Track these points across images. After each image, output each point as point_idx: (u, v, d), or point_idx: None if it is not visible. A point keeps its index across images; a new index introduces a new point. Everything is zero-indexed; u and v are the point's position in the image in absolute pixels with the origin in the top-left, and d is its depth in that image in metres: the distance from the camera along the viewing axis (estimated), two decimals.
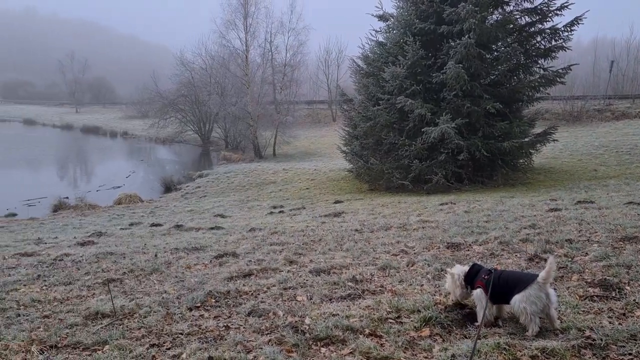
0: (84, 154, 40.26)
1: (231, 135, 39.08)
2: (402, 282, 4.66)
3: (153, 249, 7.38)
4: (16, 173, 29.07)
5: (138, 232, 10.00)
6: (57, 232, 11.27)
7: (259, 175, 22.86)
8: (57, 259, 7.06)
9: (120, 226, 11.55)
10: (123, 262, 6.51)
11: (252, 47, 33.39)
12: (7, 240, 9.81)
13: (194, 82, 42.73)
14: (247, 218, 11.94)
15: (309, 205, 14.29)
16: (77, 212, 16.60)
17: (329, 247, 6.71)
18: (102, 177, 26.75)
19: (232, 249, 6.91)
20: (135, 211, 15.80)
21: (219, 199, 18.31)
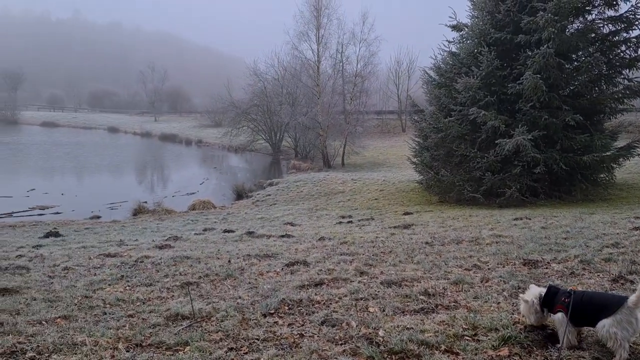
0: (161, 160, 42.07)
1: (301, 144, 39.63)
2: (477, 298, 4.56)
3: (226, 255, 7.60)
4: (101, 177, 30.82)
5: (211, 237, 10.32)
6: (137, 235, 11.83)
7: (328, 185, 23.01)
8: (138, 260, 7.42)
9: (194, 231, 11.97)
10: (199, 267, 6.75)
11: (324, 58, 33.83)
12: (92, 241, 10.41)
13: (266, 92, 43.71)
14: (316, 227, 12.04)
15: (378, 216, 14.24)
16: (154, 216, 17.37)
17: (399, 259, 6.67)
18: (177, 183, 27.84)
19: (303, 258, 7.00)
20: (209, 217, 16.32)
21: (288, 207, 18.59)
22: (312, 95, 34.36)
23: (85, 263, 7.48)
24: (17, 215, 17.39)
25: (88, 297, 5.31)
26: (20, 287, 5.88)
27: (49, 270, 7.00)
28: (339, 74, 35.82)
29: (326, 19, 32.82)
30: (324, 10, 32.64)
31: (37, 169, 32.09)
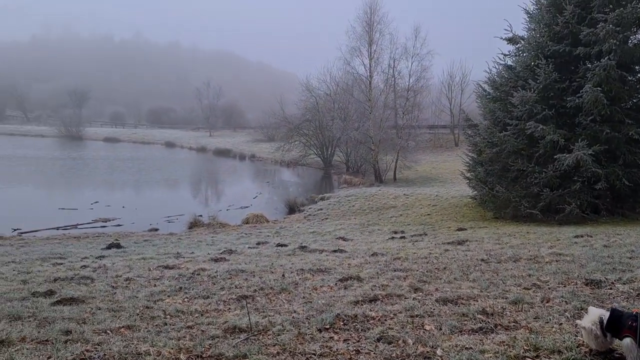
0: (216, 175, 43.05)
1: (352, 159, 39.67)
2: (538, 318, 4.43)
3: (280, 269, 7.69)
4: (158, 191, 31.84)
5: (265, 251, 10.47)
6: (193, 248, 12.15)
7: (380, 200, 22.90)
8: (195, 273, 7.61)
9: (248, 245, 12.17)
10: (253, 280, 6.86)
11: (376, 73, 33.86)
12: (151, 253, 10.76)
13: (318, 107, 44.12)
14: (369, 242, 12.01)
15: (431, 231, 14.06)
16: (209, 229, 17.78)
17: (454, 276, 6.56)
18: (231, 197, 28.40)
19: (356, 273, 6.99)
20: (262, 231, 16.56)
21: (340, 221, 18.62)
22: (364, 110, 34.42)
23: (145, 274, 7.74)
24: (81, 227, 18.19)
25: (149, 307, 5.50)
26: (86, 297, 6.15)
27: (111, 280, 7.28)
28: (391, 88, 35.74)
29: (378, 34, 32.94)
30: (376, 26, 32.78)
31: (100, 182, 33.49)
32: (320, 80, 46.52)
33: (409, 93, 35.05)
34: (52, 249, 12.23)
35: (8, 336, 4.20)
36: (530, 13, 16.84)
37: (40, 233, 16.79)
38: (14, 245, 13.48)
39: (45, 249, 12.29)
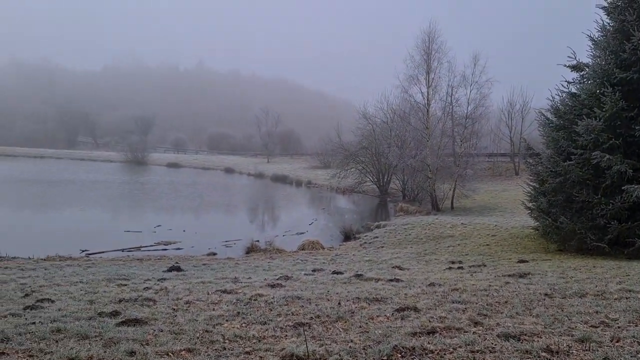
0: (272, 200, 43.66)
1: (409, 187, 39.32)
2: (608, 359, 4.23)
3: (336, 297, 7.68)
4: (217, 216, 32.66)
5: (321, 278, 10.47)
6: (250, 273, 12.31)
7: (437, 229, 22.52)
8: (252, 298, 7.71)
9: (304, 271, 12.22)
10: (309, 307, 6.88)
11: (434, 101, 33.65)
12: (210, 277, 10.99)
13: (374, 134, 44.18)
14: (426, 272, 11.80)
15: (490, 262, 13.66)
16: (266, 255, 17.99)
17: (516, 311, 6.35)
18: (287, 223, 28.69)
19: (413, 303, 6.90)
20: (317, 257, 16.60)
21: (396, 250, 18.42)
22: (421, 137, 34.19)
23: (204, 298, 7.92)
24: (144, 250, 18.85)
25: (208, 331, 5.62)
26: (148, 318, 6.36)
27: (172, 303, 7.49)
28: (449, 116, 35.37)
29: (436, 62, 32.82)
30: (434, 54, 32.70)
31: (163, 206, 34.69)
32: (377, 108, 46.69)
33: (467, 121, 34.55)
34: (117, 270, 12.71)
35: (77, 354, 4.42)
36: (595, 40, 16.35)
37: (106, 254, 17.53)
38: (82, 265, 14.10)
39: (110, 270, 12.79)
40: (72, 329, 5.66)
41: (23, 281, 10.33)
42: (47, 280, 10.60)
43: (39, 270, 12.51)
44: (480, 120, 35.81)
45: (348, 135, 51.66)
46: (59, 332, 5.62)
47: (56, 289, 9.17)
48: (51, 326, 5.85)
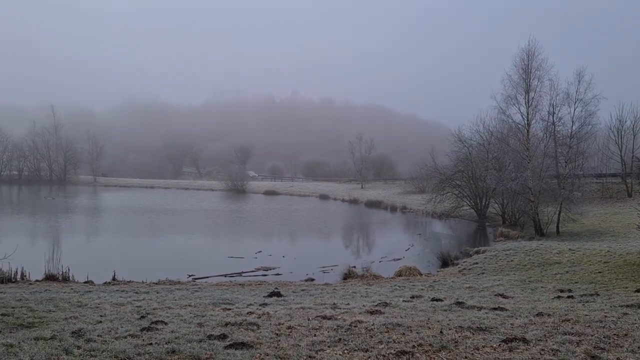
0: (367, 226, 43.61)
1: (509, 210, 37.70)
2: None
3: (437, 325, 7.53)
4: (314, 242, 33.21)
5: (420, 305, 10.30)
6: (348, 299, 12.36)
7: (541, 255, 21.36)
8: (353, 324, 7.75)
9: (402, 298, 12.07)
10: (411, 335, 6.80)
11: (534, 121, 32.19)
12: (309, 303, 11.17)
13: (471, 157, 43.02)
14: (532, 301, 11.23)
15: (604, 291, 12.73)
16: (363, 281, 17.97)
17: (638, 345, 5.88)
18: (383, 248, 28.49)
19: (521, 334, 6.60)
20: (415, 284, 16.31)
21: (497, 277, 17.67)
22: (521, 159, 32.75)
23: (305, 323, 8.06)
24: (245, 275, 19.53)
25: (312, 357, 5.73)
26: (254, 342, 6.59)
27: (275, 328, 7.70)
28: (551, 136, 33.65)
29: (537, 80, 31.45)
30: (534, 72, 31.37)
31: (263, 232, 35.89)
32: (473, 131, 45.46)
33: (572, 140, 32.69)
34: (221, 294, 13.26)
35: None
36: None
37: (210, 279, 18.37)
38: (189, 289, 14.86)
39: (215, 294, 13.37)
40: (185, 351, 6.00)
41: (138, 304, 11.08)
42: (160, 303, 11.28)
43: (151, 294, 13.34)
44: (586, 139, 33.72)
45: (443, 159, 50.74)
46: (174, 353, 5.98)
47: (168, 312, 9.74)
48: (166, 347, 6.24)
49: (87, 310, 10.05)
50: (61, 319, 8.98)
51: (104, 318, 9.03)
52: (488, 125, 43.23)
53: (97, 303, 11.12)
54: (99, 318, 9.03)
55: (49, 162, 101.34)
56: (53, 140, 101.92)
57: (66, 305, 10.73)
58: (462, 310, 9.40)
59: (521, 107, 31.79)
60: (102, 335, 7.20)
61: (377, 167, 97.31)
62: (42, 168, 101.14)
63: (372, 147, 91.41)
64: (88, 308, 10.41)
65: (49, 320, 8.81)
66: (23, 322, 8.60)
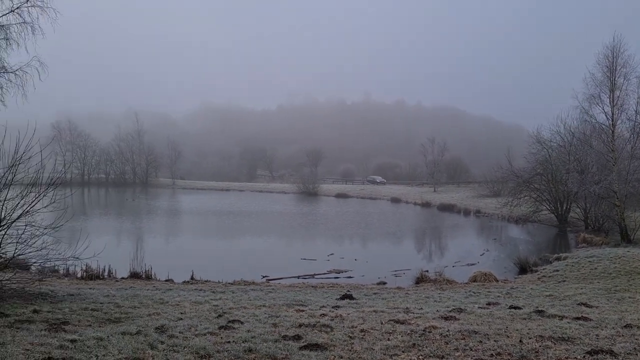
0: (440, 230, 42.81)
1: (592, 215, 35.77)
2: None
3: (516, 334, 7.29)
4: (385, 245, 33.09)
5: (497, 312, 10.00)
6: (421, 303, 12.20)
7: (629, 262, 20.12)
8: (427, 330, 7.65)
9: (478, 304, 11.75)
10: (488, 343, 6.62)
11: (620, 121, 30.41)
12: (381, 306, 11.13)
13: (550, 160, 41.24)
14: (619, 311, 10.60)
15: None
16: (436, 285, 17.66)
17: None
18: (455, 253, 27.89)
19: (608, 346, 6.27)
20: (491, 290, 15.85)
21: (580, 285, 16.81)
22: (606, 161, 31.02)
23: (378, 327, 8.05)
24: (317, 277, 19.75)
25: None
26: (327, 344, 6.66)
27: (348, 330, 7.74)
28: (639, 137, 31.68)
29: (622, 78, 29.67)
30: (620, 70, 29.62)
31: (335, 235, 36.13)
32: (553, 132, 43.47)
33: None
34: (295, 295, 13.48)
35: None
36: None
37: (284, 280, 18.72)
38: (263, 290, 15.22)
39: (288, 295, 13.61)
40: (261, 350, 6.17)
41: (215, 303, 11.49)
42: (235, 302, 11.63)
43: (227, 293, 13.79)
44: None
45: (520, 162, 48.90)
46: (251, 352, 6.17)
47: (243, 312, 10.03)
48: (243, 346, 6.45)
49: (168, 308, 10.53)
50: (145, 315, 9.45)
51: (184, 315, 9.43)
52: (569, 126, 41.22)
53: (177, 301, 11.63)
54: (180, 315, 9.44)
55: (132, 166, 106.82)
56: (136, 145, 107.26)
57: (149, 302, 11.30)
58: (542, 319, 9.04)
59: (605, 106, 30.11)
60: (183, 332, 7.54)
61: (449, 169, 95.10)
62: (126, 171, 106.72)
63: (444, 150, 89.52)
64: (169, 305, 10.90)
65: (134, 316, 9.30)
66: (111, 317, 9.12)
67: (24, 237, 11.36)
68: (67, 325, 8.08)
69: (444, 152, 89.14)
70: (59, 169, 15.28)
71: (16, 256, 11.57)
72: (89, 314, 9.28)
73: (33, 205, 11.44)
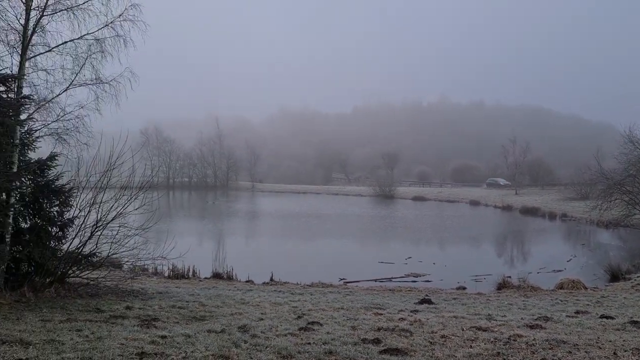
0: (522, 234, 41.19)
1: None
2: None
3: (609, 345, 6.93)
4: (464, 249, 32.28)
5: (587, 322, 9.50)
6: (504, 310, 11.79)
7: None
8: (511, 338, 7.40)
9: (565, 313, 11.21)
10: (578, 355, 6.34)
11: None
12: (462, 312, 10.87)
13: None
14: None
15: None
16: (519, 292, 16.97)
17: None
18: (539, 258, 26.70)
19: None
20: (579, 298, 15.06)
21: None
22: None
23: (459, 333, 7.89)
24: (395, 280, 19.59)
25: None
26: (407, 349, 6.61)
27: (428, 336, 7.63)
28: None
29: None
30: None
31: (413, 238, 35.75)
32: None
33: None
34: (372, 299, 13.45)
35: None
36: None
37: (361, 283, 18.72)
38: (341, 292, 15.30)
39: (366, 298, 13.60)
40: (341, 353, 6.23)
41: (294, 304, 11.69)
42: (314, 304, 11.77)
43: (306, 295, 13.99)
44: None
45: (609, 162, 46.11)
46: (331, 354, 6.24)
47: (322, 314, 10.14)
48: (324, 348, 6.53)
49: (249, 308, 10.84)
50: (228, 314, 9.79)
51: (265, 316, 9.68)
52: None
53: (257, 301, 11.95)
54: (260, 315, 9.70)
55: (214, 169, 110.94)
56: (217, 149, 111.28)
57: (231, 301, 11.68)
58: (638, 331, 8.49)
59: None
60: (265, 331, 7.75)
61: (532, 171, 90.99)
62: (208, 175, 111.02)
63: (526, 151, 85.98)
64: (250, 306, 11.21)
65: (218, 315, 9.66)
66: (196, 315, 9.52)
67: (117, 237, 12.13)
68: (157, 321, 8.53)
69: (526, 153, 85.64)
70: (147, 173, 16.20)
71: (110, 255, 12.37)
72: (176, 312, 9.74)
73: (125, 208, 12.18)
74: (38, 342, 6.46)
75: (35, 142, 11.86)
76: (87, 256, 11.93)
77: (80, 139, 12.75)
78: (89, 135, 12.92)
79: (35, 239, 11.05)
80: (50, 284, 11.02)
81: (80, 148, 12.84)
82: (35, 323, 7.96)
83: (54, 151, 12.07)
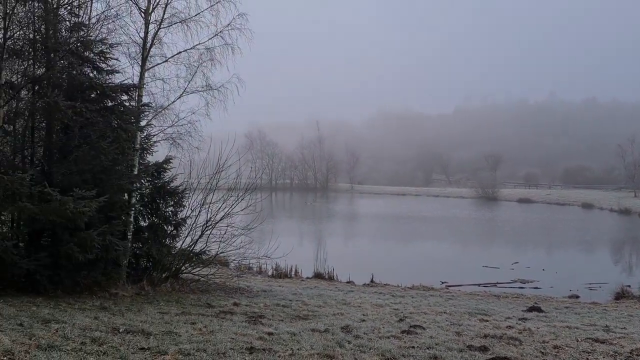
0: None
1: None
2: None
3: None
4: (576, 255, 30.35)
5: None
6: (624, 322, 10.91)
7: None
8: (633, 352, 6.85)
9: None
10: None
11: None
12: (575, 322, 10.21)
13: None
14: None
15: None
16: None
17: None
18: None
19: None
20: None
21: None
22: None
23: (573, 344, 7.42)
24: (500, 286, 18.77)
25: None
26: (517, 359, 6.32)
27: (539, 345, 7.25)
28: None
29: None
30: None
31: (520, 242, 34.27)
32: None
33: None
34: (476, 304, 13.00)
35: None
36: None
37: (463, 287, 18.18)
38: (443, 296, 14.95)
39: (469, 303, 13.18)
40: (447, 358, 6.09)
41: (395, 306, 11.60)
42: (415, 307, 11.61)
43: (407, 298, 13.83)
44: None
45: None
46: (436, 359, 6.11)
47: (424, 317, 9.97)
48: (428, 352, 6.42)
49: (350, 309, 10.91)
50: (330, 314, 9.91)
51: (366, 317, 9.69)
52: None
53: (359, 302, 11.99)
54: (362, 317, 9.72)
55: (314, 172, 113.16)
56: (317, 152, 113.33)
57: (333, 302, 11.82)
58: None
59: None
60: (367, 333, 7.76)
61: None
62: (308, 177, 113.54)
63: None
64: (351, 306, 11.27)
65: (320, 314, 9.81)
66: (299, 314, 9.74)
67: (225, 236, 12.75)
68: (263, 318, 8.83)
69: None
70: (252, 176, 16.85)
71: (219, 254, 13.03)
72: (280, 310, 10.03)
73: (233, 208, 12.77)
74: (157, 333, 6.93)
75: (153, 147, 12.79)
76: (198, 254, 12.66)
77: (192, 143, 13.57)
78: (200, 139, 13.72)
79: (153, 237, 11.91)
80: (166, 279, 11.82)
81: (192, 151, 13.68)
82: (154, 315, 8.57)
83: (169, 155, 12.94)
